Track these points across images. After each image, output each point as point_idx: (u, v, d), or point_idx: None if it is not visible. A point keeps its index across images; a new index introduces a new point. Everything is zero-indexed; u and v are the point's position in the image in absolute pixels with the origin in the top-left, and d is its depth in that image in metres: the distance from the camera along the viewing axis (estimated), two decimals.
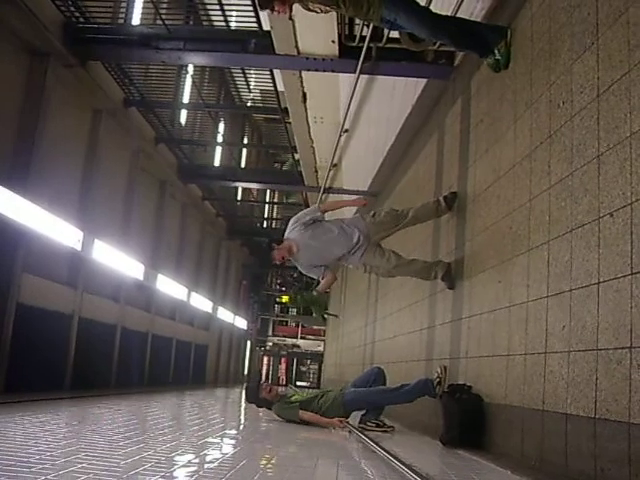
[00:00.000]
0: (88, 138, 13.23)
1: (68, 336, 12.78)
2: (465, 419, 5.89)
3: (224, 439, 6.86)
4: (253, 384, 9.11)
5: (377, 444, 5.79)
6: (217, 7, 13.11)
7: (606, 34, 4.07)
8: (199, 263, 23.18)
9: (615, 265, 3.71)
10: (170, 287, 19.29)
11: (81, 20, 11.01)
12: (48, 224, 11.11)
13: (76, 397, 11.16)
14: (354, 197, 13.72)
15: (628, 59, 3.78)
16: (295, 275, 32.57)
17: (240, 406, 15.04)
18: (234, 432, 8.05)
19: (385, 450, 5.28)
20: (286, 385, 37.77)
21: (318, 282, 7.71)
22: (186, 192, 19.96)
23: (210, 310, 25.02)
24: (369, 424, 7.70)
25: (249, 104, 22.61)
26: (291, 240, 7.12)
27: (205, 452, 5.50)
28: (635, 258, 3.51)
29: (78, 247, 12.50)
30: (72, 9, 10.78)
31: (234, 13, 12.69)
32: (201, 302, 23.31)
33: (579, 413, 3.99)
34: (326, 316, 20.91)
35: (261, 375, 42.45)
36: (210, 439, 6.39)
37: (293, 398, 8.34)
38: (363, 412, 8.00)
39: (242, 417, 11.42)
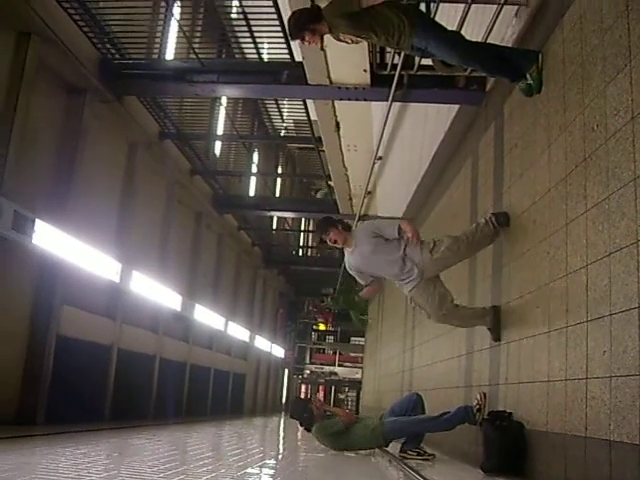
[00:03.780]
0: (125, 171, 13.45)
1: (107, 367, 12.90)
2: (506, 446, 5.80)
3: (263, 469, 6.85)
4: (302, 400, 9.10)
5: (418, 473, 5.73)
6: (249, 39, 13.27)
7: (639, 56, 4.05)
8: (236, 292, 23.28)
9: None
10: (207, 317, 19.37)
11: (117, 56, 11.26)
12: (87, 256, 11.25)
13: (116, 428, 11.23)
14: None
15: None
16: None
17: (279, 435, 14.99)
18: (273, 462, 8.03)
19: (425, 479, 5.23)
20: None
21: (361, 289, 7.49)
22: (222, 222, 20.12)
23: (247, 339, 25.06)
24: (410, 453, 7.61)
25: (283, 134, 22.79)
26: (355, 238, 6.81)
27: None
28: None
29: (116, 279, 12.64)
30: (108, 46, 11.04)
31: (266, 45, 12.85)
32: (238, 331, 23.36)
33: (623, 440, 3.91)
34: (364, 322, 20.01)
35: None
36: (249, 469, 6.39)
37: (335, 419, 8.26)
38: (403, 440, 7.93)
39: (281, 447, 11.39)
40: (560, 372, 4.99)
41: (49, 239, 10.01)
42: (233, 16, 15.63)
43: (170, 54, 13.96)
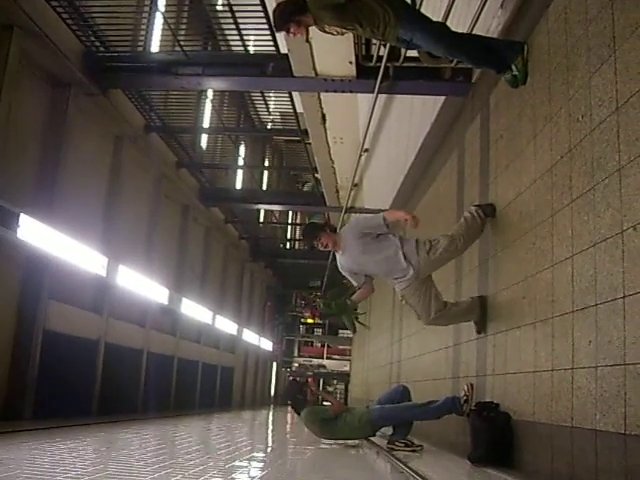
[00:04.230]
0: (110, 165, 13.38)
1: (94, 362, 12.85)
2: (493, 437, 5.83)
3: (252, 462, 6.85)
4: (298, 383, 9.15)
5: (405, 464, 5.75)
6: (235, 32, 13.20)
7: (623, 47, 4.05)
8: (223, 286, 23.23)
9: None
10: (195, 310, 19.33)
11: (101, 49, 11.16)
12: (73, 251, 11.20)
13: (103, 422, 11.19)
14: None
15: None
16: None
17: (267, 428, 15.00)
18: (262, 455, 8.03)
19: (413, 470, 5.24)
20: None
21: (353, 292, 7.40)
22: (208, 216, 20.06)
23: (235, 332, 25.02)
24: (398, 444, 7.62)
25: (269, 126, 22.73)
26: (343, 239, 6.71)
27: (233, 476, 5.49)
28: None
29: (103, 273, 12.59)
30: (92, 39, 10.94)
31: (252, 37, 12.79)
32: (226, 325, 23.31)
33: (609, 429, 3.93)
34: (357, 325, 19.33)
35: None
36: (237, 462, 6.38)
37: (326, 407, 8.40)
38: (391, 432, 7.94)
39: (269, 439, 11.39)
40: (546, 362, 5.02)
41: (35, 234, 9.95)
42: (218, 8, 15.56)
43: (155, 46, 13.87)
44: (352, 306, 7.22)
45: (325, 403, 8.92)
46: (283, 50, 9.53)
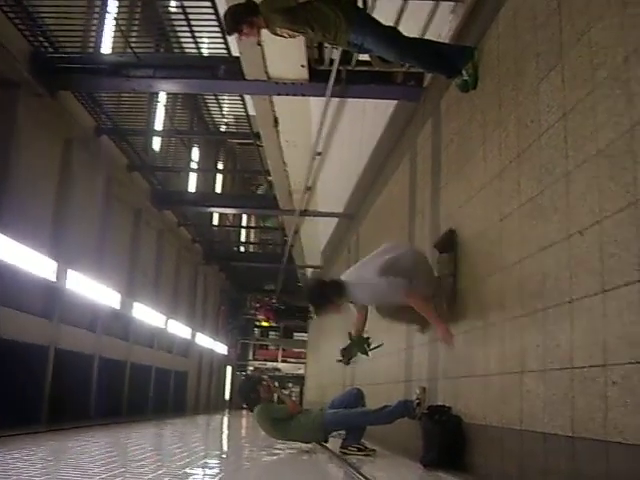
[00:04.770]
0: (60, 168, 13.12)
1: (44, 368, 12.59)
2: (445, 440, 5.84)
3: (205, 469, 6.77)
4: (254, 379, 9.12)
5: (357, 469, 5.74)
6: (187, 34, 13.11)
7: (570, 54, 4.10)
8: (176, 290, 23.02)
9: (586, 283, 3.71)
10: (148, 315, 19.14)
11: (50, 50, 10.94)
12: (21, 256, 10.98)
13: (53, 430, 10.99)
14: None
15: (592, 78, 3.81)
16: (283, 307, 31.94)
17: (221, 433, 14.90)
18: (215, 461, 7.95)
19: (364, 476, 5.23)
20: None
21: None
22: (161, 219, 19.86)
23: (189, 336, 24.85)
24: (350, 448, 7.62)
25: (222, 129, 22.59)
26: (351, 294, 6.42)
27: None
28: (606, 276, 3.51)
29: (52, 278, 12.37)
30: (41, 39, 10.73)
31: (204, 40, 12.71)
32: (180, 329, 23.16)
33: (557, 432, 3.97)
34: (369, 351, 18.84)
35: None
36: (188, 470, 6.30)
37: (281, 406, 8.40)
38: (344, 437, 7.92)
39: (224, 445, 11.31)
40: (496, 366, 5.06)
41: None
42: (171, 10, 15.44)
43: (106, 48, 13.69)
44: (357, 339, 7.20)
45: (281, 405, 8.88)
46: (235, 53, 9.48)
